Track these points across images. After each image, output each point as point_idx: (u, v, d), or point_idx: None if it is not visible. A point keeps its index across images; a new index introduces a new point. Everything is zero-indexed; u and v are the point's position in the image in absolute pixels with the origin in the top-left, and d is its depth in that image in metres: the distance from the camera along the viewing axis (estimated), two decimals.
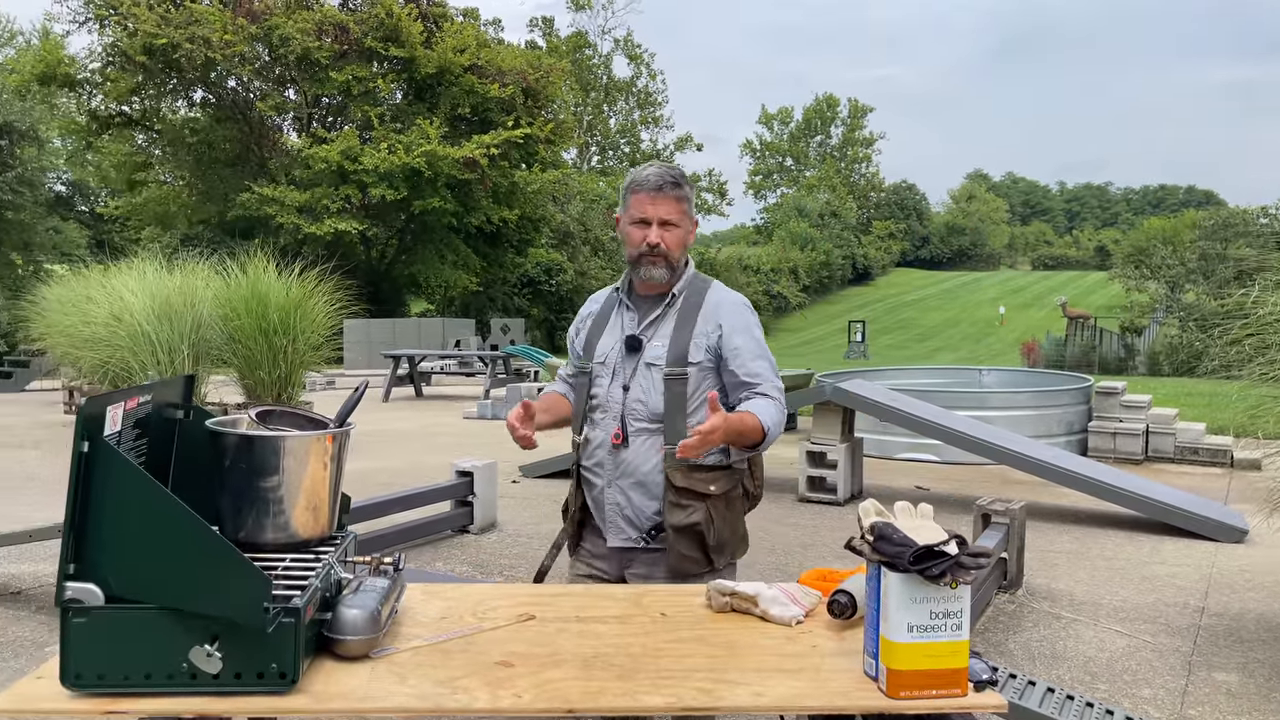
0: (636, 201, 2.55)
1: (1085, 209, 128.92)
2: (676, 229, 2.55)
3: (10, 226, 28.74)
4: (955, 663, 1.61)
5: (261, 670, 1.55)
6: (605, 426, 2.56)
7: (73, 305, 10.64)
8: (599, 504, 2.59)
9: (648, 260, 2.54)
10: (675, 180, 2.55)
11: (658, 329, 2.57)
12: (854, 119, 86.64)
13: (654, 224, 2.53)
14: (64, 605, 1.51)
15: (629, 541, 2.56)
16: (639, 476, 2.53)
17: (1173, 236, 41.16)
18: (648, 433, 2.52)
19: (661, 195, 2.53)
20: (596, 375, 2.61)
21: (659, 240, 2.53)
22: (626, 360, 2.56)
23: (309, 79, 30.14)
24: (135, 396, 1.73)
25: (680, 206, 2.56)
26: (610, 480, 2.55)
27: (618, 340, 2.60)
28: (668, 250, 2.54)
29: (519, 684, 1.64)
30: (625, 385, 2.55)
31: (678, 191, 2.55)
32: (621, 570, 2.59)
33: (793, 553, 6.21)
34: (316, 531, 1.89)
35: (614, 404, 2.55)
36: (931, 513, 1.79)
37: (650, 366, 2.54)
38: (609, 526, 2.58)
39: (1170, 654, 4.43)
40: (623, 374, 2.56)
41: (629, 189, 2.59)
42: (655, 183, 2.54)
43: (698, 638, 1.90)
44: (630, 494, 2.54)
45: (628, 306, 2.65)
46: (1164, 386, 16.65)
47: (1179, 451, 9.86)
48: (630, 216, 2.57)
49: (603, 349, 2.62)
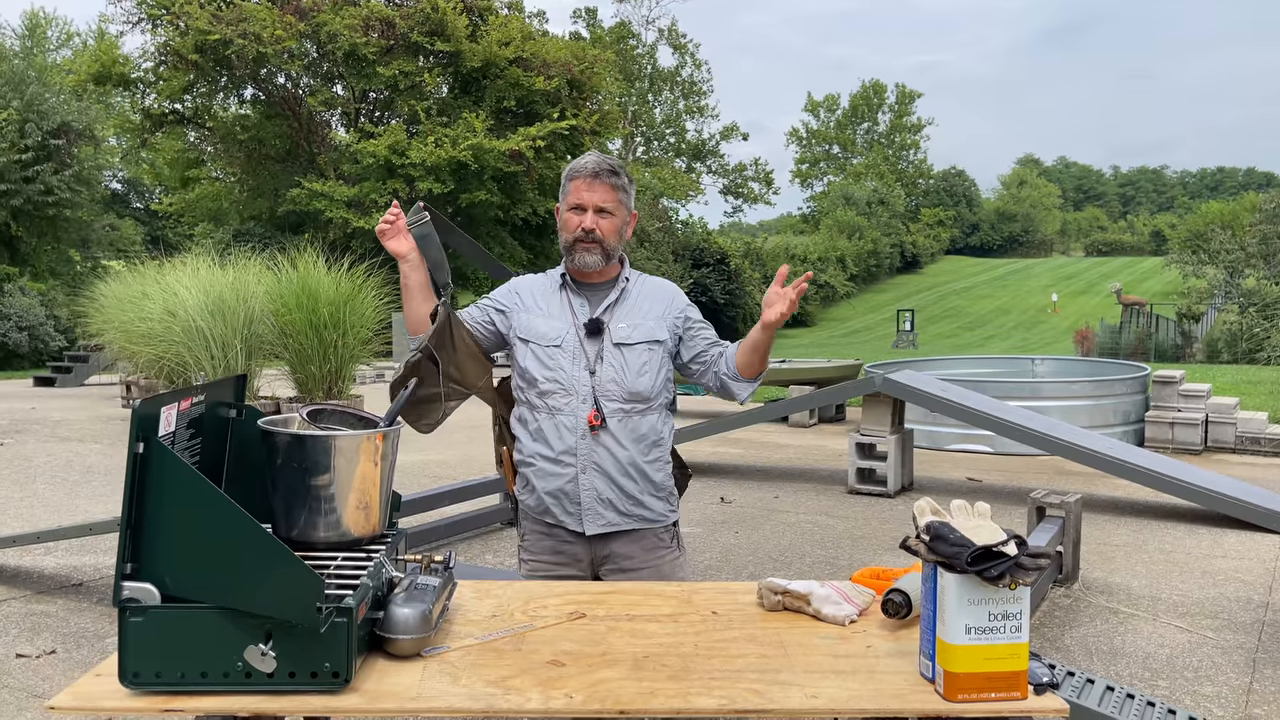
0: (574, 188, 2.59)
1: (1140, 193, 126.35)
2: (612, 217, 2.59)
3: (68, 224, 29.38)
4: (1014, 665, 1.58)
5: (315, 669, 1.55)
6: (574, 411, 2.53)
7: (129, 301, 10.83)
8: (567, 494, 2.54)
9: (582, 246, 2.57)
10: (612, 168, 2.59)
11: (614, 313, 2.60)
12: (902, 105, 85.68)
13: (589, 210, 2.56)
14: (121, 605, 1.53)
15: (607, 526, 2.54)
16: (621, 460, 2.52)
17: (1232, 220, 40.23)
18: (624, 414, 2.53)
19: (598, 182, 2.57)
20: (550, 358, 2.57)
21: (594, 226, 2.56)
22: (588, 343, 2.56)
23: (356, 74, 30.38)
24: (189, 397, 1.74)
25: (615, 195, 2.59)
26: (585, 465, 2.52)
27: (571, 324, 2.59)
28: (602, 237, 2.57)
29: (570, 684, 1.63)
30: (590, 369, 2.54)
31: (614, 179, 2.59)
32: (596, 567, 2.58)
33: (842, 545, 6.16)
34: (368, 530, 1.90)
35: (581, 387, 2.53)
36: (989, 511, 1.75)
37: (621, 347, 2.55)
38: (586, 513, 2.54)
39: (1234, 650, 4.33)
40: (585, 357, 2.55)
41: (567, 176, 2.63)
42: (592, 169, 2.57)
43: (749, 637, 1.88)
44: (612, 475, 2.52)
45: (574, 291, 2.65)
46: (1223, 374, 16.28)
47: (1240, 442, 9.64)
48: (567, 203, 2.61)
49: (553, 331, 2.59)
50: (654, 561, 2.59)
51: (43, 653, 4.23)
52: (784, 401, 9.89)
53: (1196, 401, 9.78)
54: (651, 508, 2.58)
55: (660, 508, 2.61)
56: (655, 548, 2.60)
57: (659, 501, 2.60)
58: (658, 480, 2.60)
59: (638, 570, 2.55)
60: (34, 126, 27.11)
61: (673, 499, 2.67)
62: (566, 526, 2.57)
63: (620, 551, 2.56)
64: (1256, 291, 26.06)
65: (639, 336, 2.57)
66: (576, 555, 2.57)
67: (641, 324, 2.59)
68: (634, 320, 2.60)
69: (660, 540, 2.61)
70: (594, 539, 2.56)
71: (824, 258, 54.19)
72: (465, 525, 6.26)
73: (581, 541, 2.56)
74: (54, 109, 28.01)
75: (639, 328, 2.59)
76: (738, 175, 65.70)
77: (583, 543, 2.56)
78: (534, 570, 2.61)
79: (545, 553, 2.60)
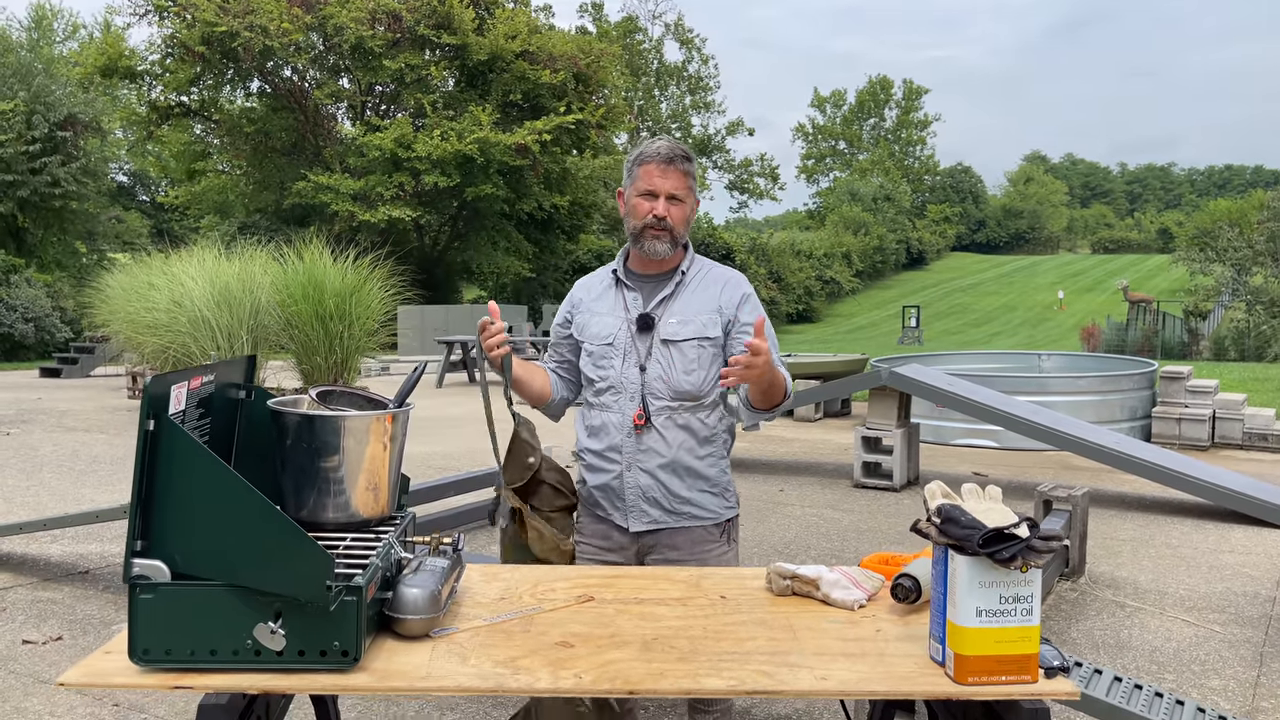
0: (645, 173, 2.50)
1: (1147, 191, 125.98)
2: (683, 204, 2.52)
3: (75, 216, 29.43)
4: (1026, 649, 1.57)
5: (324, 648, 1.55)
6: (621, 409, 2.51)
7: (135, 292, 10.85)
8: (614, 490, 2.53)
9: (651, 234, 2.50)
10: (685, 154, 2.52)
11: (668, 306, 2.54)
12: (909, 101, 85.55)
13: (661, 197, 2.49)
14: (131, 582, 1.53)
15: (653, 524, 2.52)
16: (667, 457, 2.49)
17: (1239, 218, 40.04)
18: (670, 411, 2.50)
19: (671, 168, 2.49)
20: (602, 357, 2.55)
21: (665, 213, 2.48)
22: (639, 339, 2.52)
23: (363, 67, 30.38)
24: (199, 376, 1.74)
25: (687, 181, 2.52)
26: (631, 463, 2.50)
27: (624, 320, 2.54)
28: (673, 225, 2.50)
29: (580, 664, 1.63)
30: (641, 365, 2.50)
31: (687, 165, 2.51)
32: (641, 556, 2.57)
33: (848, 539, 6.15)
34: (377, 511, 1.89)
35: (630, 385, 2.50)
36: (1000, 495, 1.75)
37: (669, 344, 2.50)
38: (631, 510, 2.52)
39: (1241, 645, 4.32)
40: (636, 354, 2.51)
41: (636, 161, 2.53)
42: (666, 155, 2.49)
43: (758, 621, 1.87)
44: (658, 474, 2.50)
45: (628, 286, 2.59)
46: (1231, 371, 16.25)
47: (1247, 438, 9.61)
48: (637, 189, 2.52)
49: (605, 330, 2.56)
50: (699, 554, 2.54)
51: (49, 639, 4.24)
52: None
53: (1204, 397, 9.76)
54: (703, 505, 2.55)
55: (713, 504, 2.56)
56: (703, 540, 2.56)
57: (712, 497, 2.56)
58: (711, 475, 2.56)
59: (682, 562, 2.52)
60: (41, 118, 27.15)
61: (729, 495, 2.62)
62: (614, 521, 2.56)
63: (666, 543, 2.54)
64: (1264, 289, 25.97)
65: (688, 333, 2.50)
66: (623, 544, 2.56)
67: (693, 319, 2.52)
68: (685, 315, 2.52)
69: (709, 534, 2.57)
70: (638, 536, 2.54)
71: (829, 253, 54.09)
72: (470, 516, 6.26)
73: (628, 534, 2.55)
74: (60, 101, 28.06)
75: (689, 323, 2.51)
76: (744, 171, 65.68)
77: (629, 535, 2.55)
78: (583, 552, 2.60)
79: (596, 536, 2.60)
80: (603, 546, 2.58)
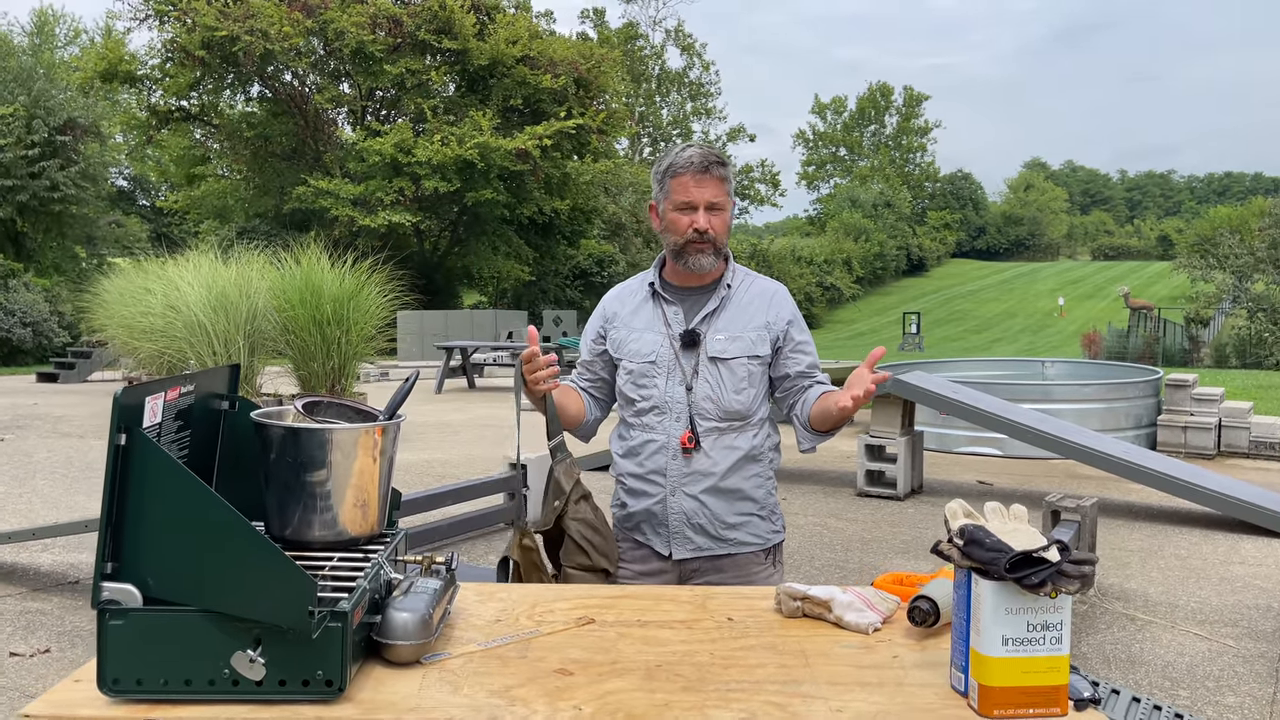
0: (679, 185, 2.35)
1: (1147, 198, 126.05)
2: (723, 213, 2.38)
3: (74, 221, 29.35)
4: (1055, 680, 1.47)
5: (307, 677, 1.45)
6: (665, 430, 2.38)
7: (131, 297, 10.77)
8: (656, 516, 2.40)
9: (694, 248, 2.35)
10: (719, 159, 2.37)
11: (713, 322, 2.40)
12: (909, 108, 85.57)
13: (700, 208, 2.34)
14: (101, 607, 1.43)
15: (696, 551, 2.40)
16: (715, 480, 2.36)
17: (1240, 225, 39.99)
18: (719, 432, 2.36)
19: (707, 176, 2.34)
20: (643, 375, 2.40)
21: (707, 226, 2.33)
22: (684, 357, 2.38)
23: (363, 72, 30.35)
24: (176, 386, 1.64)
25: (724, 187, 2.37)
26: (675, 487, 2.37)
27: (665, 336, 2.40)
28: (716, 236, 2.36)
29: (579, 695, 1.53)
30: (687, 385, 2.36)
31: (721, 171, 2.36)
32: (684, 580, 2.43)
33: (851, 548, 6.05)
34: (366, 529, 1.79)
35: (675, 405, 2.37)
36: (1026, 515, 1.65)
37: (717, 361, 2.36)
38: (674, 537, 2.40)
39: (1256, 660, 4.22)
40: (681, 372, 2.37)
41: (668, 173, 2.37)
42: (700, 163, 2.33)
43: (768, 645, 1.77)
44: (704, 499, 2.37)
45: (667, 300, 2.44)
46: (1235, 379, 16.16)
47: (1254, 446, 9.52)
48: (673, 202, 2.36)
49: (646, 347, 2.41)
50: (745, 578, 2.41)
51: (36, 651, 4.15)
52: None
53: (1210, 405, 9.66)
54: (750, 531, 2.42)
55: (761, 529, 2.44)
56: (748, 564, 2.43)
57: (760, 521, 2.44)
58: (758, 497, 2.43)
59: (727, 584, 2.37)
60: (41, 122, 27.08)
61: (775, 518, 2.48)
62: (654, 547, 2.43)
63: (710, 568, 2.42)
64: (1265, 296, 25.90)
65: (737, 350, 2.37)
66: (663, 569, 2.43)
67: (742, 335, 2.38)
68: (734, 331, 2.38)
69: (755, 559, 2.44)
70: (679, 564, 2.42)
71: (830, 260, 54.05)
72: (468, 525, 6.17)
73: (669, 560, 2.42)
74: (61, 105, 28.00)
75: (738, 340, 2.38)
76: (744, 177, 65.61)
77: (670, 561, 2.42)
78: (624, 577, 2.46)
79: (635, 561, 2.46)
80: (642, 571, 2.45)
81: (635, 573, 2.46)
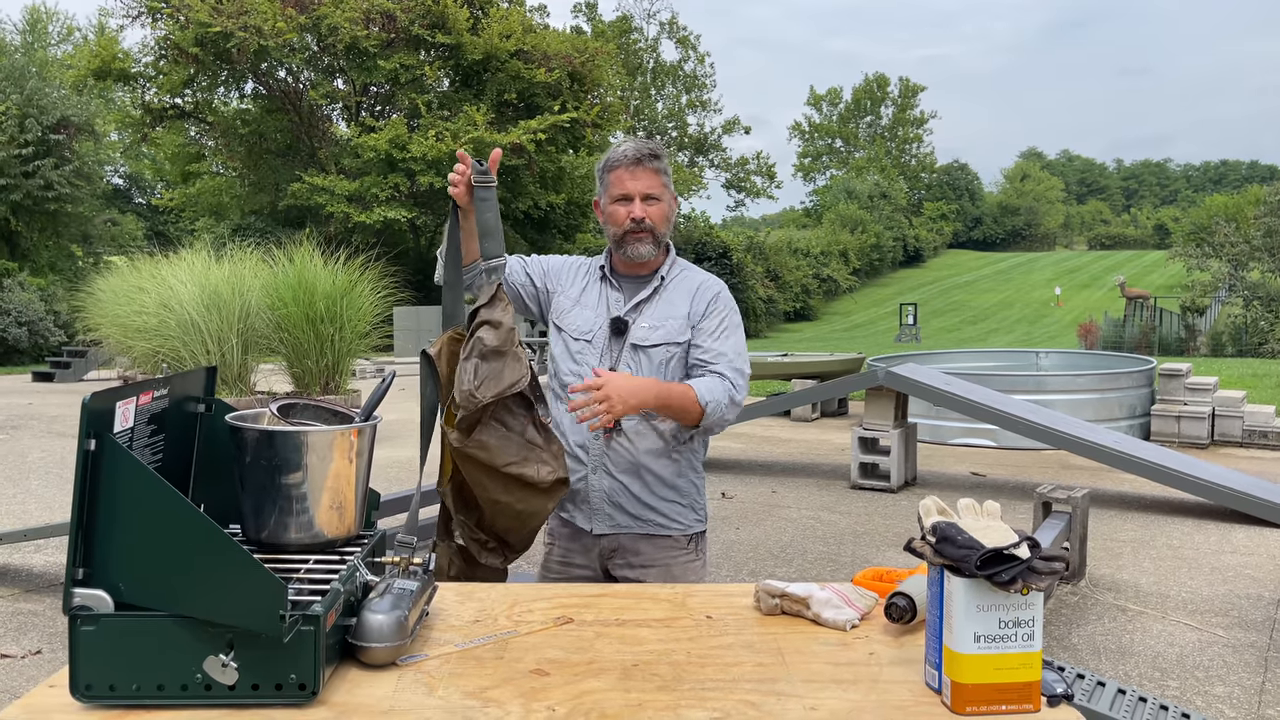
0: (615, 179, 2.48)
1: (1144, 187, 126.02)
2: (659, 202, 2.48)
3: (69, 219, 29.30)
4: (1027, 676, 1.48)
5: (280, 681, 1.46)
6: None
7: (125, 295, 10.73)
8: (578, 492, 2.49)
9: (633, 238, 2.46)
10: (653, 152, 2.48)
11: (643, 311, 2.50)
12: (905, 99, 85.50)
13: (636, 199, 2.45)
14: (72, 613, 1.43)
15: (616, 528, 2.48)
16: (633, 462, 2.45)
17: (1236, 213, 40.02)
18: (639, 417, 2.44)
19: (640, 168, 2.45)
20: (579, 353, 2.50)
21: (644, 215, 2.45)
22: (614, 342, 2.48)
23: (357, 68, 30.29)
24: (149, 390, 1.64)
25: (660, 179, 2.48)
26: (597, 465, 2.46)
27: (602, 320, 2.50)
28: (653, 225, 2.46)
29: (553, 695, 1.53)
30: (613, 368, 2.44)
31: (656, 164, 2.47)
32: (605, 558, 2.52)
33: (844, 542, 6.06)
34: (342, 531, 1.80)
35: None
36: (999, 511, 1.65)
37: (638, 349, 2.46)
38: (595, 514, 2.49)
39: (1245, 649, 4.23)
40: (609, 356, 2.47)
41: (605, 168, 2.51)
42: (633, 156, 2.45)
43: (745, 644, 1.78)
44: (624, 480, 2.46)
45: (613, 285, 2.55)
46: (1229, 368, 16.17)
47: (1247, 435, 9.53)
48: (611, 195, 2.49)
49: (586, 325, 2.52)
50: (664, 560, 2.50)
51: (28, 653, 4.15)
52: (786, 395, 9.79)
53: (1203, 395, 9.67)
54: (670, 516, 2.51)
55: (681, 517, 2.52)
56: (669, 548, 2.51)
57: (681, 509, 2.52)
58: (679, 486, 2.51)
59: (646, 568, 2.48)
60: (34, 121, 27.01)
61: (697, 508, 2.57)
62: (576, 523, 2.52)
63: (629, 546, 2.50)
64: (1261, 284, 25.92)
65: (658, 338, 2.47)
66: (587, 546, 2.53)
67: (665, 324, 2.48)
68: (658, 320, 2.48)
69: (676, 543, 2.52)
70: (599, 539, 2.51)
71: (826, 252, 54.00)
72: None
73: (591, 536, 2.51)
74: (54, 104, 27.91)
75: (660, 329, 2.47)
76: (740, 169, 65.51)
77: (592, 537, 2.51)
78: (550, 553, 2.60)
79: (563, 539, 2.57)
80: (568, 549, 2.56)
81: (562, 548, 2.57)
